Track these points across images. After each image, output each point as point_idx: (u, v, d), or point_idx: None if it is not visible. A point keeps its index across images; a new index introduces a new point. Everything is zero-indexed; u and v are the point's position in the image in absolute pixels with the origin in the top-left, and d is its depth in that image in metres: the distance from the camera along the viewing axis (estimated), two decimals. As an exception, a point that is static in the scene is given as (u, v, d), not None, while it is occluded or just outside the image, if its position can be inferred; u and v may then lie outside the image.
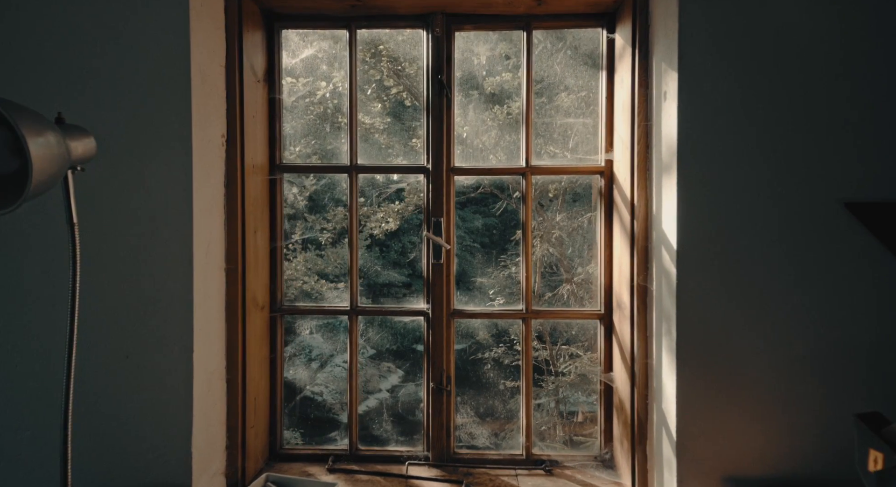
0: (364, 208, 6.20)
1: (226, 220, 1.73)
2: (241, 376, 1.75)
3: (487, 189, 5.64)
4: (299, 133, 4.58)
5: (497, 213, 7.63)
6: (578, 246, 4.74)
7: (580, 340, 4.89)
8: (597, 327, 1.98)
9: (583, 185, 4.03)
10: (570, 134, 3.30)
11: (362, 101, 4.98)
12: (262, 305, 1.90)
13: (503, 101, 4.53)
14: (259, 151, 1.87)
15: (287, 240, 5.65)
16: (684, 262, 1.48)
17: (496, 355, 5.20)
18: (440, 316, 1.93)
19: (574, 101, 3.29)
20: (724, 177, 1.47)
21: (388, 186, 6.02)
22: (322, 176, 5.17)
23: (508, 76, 4.38)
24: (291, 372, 6.90)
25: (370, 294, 8.21)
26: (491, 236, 8.91)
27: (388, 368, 10.24)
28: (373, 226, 6.33)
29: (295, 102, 4.23)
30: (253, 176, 1.82)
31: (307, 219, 6.37)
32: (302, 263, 7.10)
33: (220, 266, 1.70)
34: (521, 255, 1.98)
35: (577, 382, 4.18)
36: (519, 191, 5.29)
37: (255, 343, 1.84)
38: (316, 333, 7.61)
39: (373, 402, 9.23)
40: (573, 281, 4.91)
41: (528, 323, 1.96)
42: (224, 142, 1.71)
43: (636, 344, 1.70)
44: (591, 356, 4.56)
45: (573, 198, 4.28)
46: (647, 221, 1.69)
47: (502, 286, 5.15)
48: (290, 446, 1.99)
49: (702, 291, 1.48)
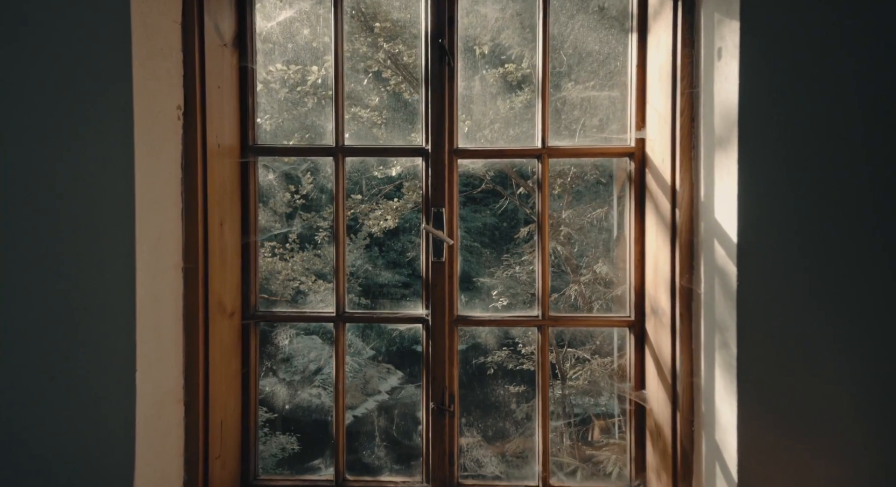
0: (361, 205, 5.88)
1: (184, 210, 1.40)
2: (202, 396, 1.43)
3: (490, 185, 5.32)
4: (278, 110, 4.06)
5: (499, 212, 7.30)
6: (587, 243, 4.42)
7: (589, 342, 4.57)
8: (625, 336, 1.65)
9: (594, 175, 3.67)
10: (594, 110, 2.95)
11: (350, 75, 4.47)
12: (232, 311, 1.57)
13: (515, 76, 3.94)
14: (227, 129, 1.55)
15: (265, 236, 5.21)
16: (748, 259, 1.16)
17: (501, 359, 4.86)
18: (441, 324, 1.61)
19: (597, 71, 2.87)
20: (802, 152, 1.15)
21: (384, 183, 5.69)
22: (319, 169, 4.82)
23: (519, 40, 3.78)
24: (274, 387, 6.32)
25: (368, 295, 7.88)
26: (492, 235, 8.59)
27: (387, 369, 9.93)
28: (371, 224, 6.00)
29: (270, 74, 3.67)
30: (219, 158, 1.50)
31: (302, 216, 6.05)
32: (300, 262, 6.78)
33: (176, 264, 1.38)
34: (535, 252, 1.66)
35: (588, 389, 3.84)
36: (530, 181, 4.96)
37: (221, 356, 1.52)
38: (306, 337, 7.14)
39: (371, 404, 8.92)
40: (580, 282, 4.59)
41: (544, 332, 1.64)
42: (181, 116, 1.39)
43: (679, 359, 1.38)
44: (600, 361, 4.23)
45: (584, 190, 3.93)
46: (691, 210, 1.37)
47: (506, 286, 4.83)
48: (267, 476, 1.67)
49: (772, 296, 1.16)
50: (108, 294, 1.20)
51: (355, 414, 8.16)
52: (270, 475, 1.69)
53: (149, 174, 1.26)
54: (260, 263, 1.75)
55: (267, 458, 5.67)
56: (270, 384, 6.24)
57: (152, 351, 1.27)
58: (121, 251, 1.20)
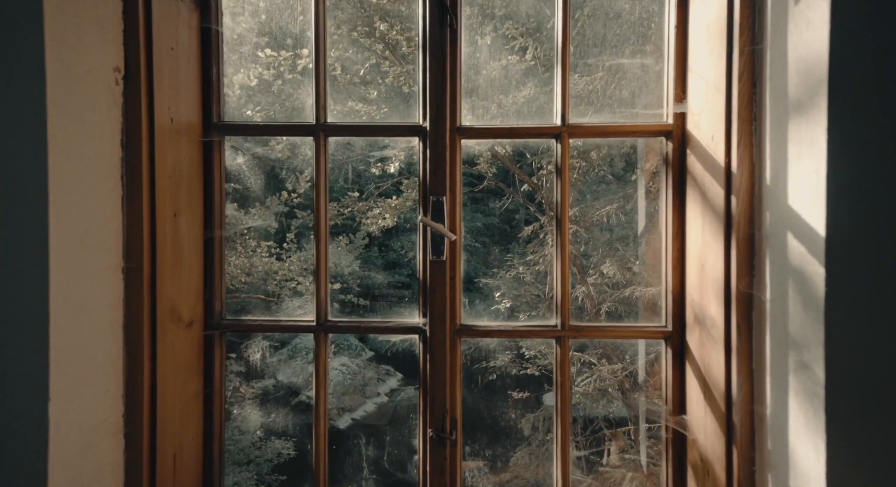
0: (359, 203, 5.60)
1: (125, 197, 1.12)
2: (147, 426, 1.15)
3: (492, 182, 5.04)
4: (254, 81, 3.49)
5: (501, 210, 7.02)
6: (595, 241, 4.14)
7: (595, 345, 4.28)
8: (661, 349, 1.37)
9: (609, 161, 3.34)
10: (622, 80, 2.60)
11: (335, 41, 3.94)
12: (190, 320, 1.29)
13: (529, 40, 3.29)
14: (184, 101, 1.27)
15: (235, 229, 4.81)
16: (839, 257, 0.88)
17: (505, 365, 4.57)
18: (441, 335, 1.33)
19: (626, 38, 2.39)
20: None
21: (382, 179, 5.41)
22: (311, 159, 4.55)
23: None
24: (251, 410, 5.65)
25: (367, 296, 7.59)
26: (493, 235, 8.30)
27: (386, 371, 9.63)
28: (369, 223, 5.72)
29: (241, 38, 3.15)
30: (173, 135, 1.22)
31: (298, 215, 5.78)
32: (296, 262, 6.51)
33: (114, 264, 1.10)
34: (554, 249, 1.38)
35: (596, 397, 3.56)
36: (534, 177, 4.68)
37: (175, 374, 1.24)
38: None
39: (371, 406, 8.62)
40: (587, 283, 4.31)
41: (563, 345, 1.35)
42: (120, 81, 1.11)
43: (735, 381, 1.10)
44: (611, 368, 3.94)
45: (594, 181, 3.62)
46: (752, 197, 1.09)
47: (509, 287, 4.55)
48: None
49: (872, 305, 0.88)
50: (13, 302, 0.92)
51: (353, 417, 7.87)
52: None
53: (71, 150, 0.98)
54: (255, 263, 1.47)
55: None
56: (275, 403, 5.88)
57: (77, 373, 0.99)
58: (32, 248, 0.92)
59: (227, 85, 1.46)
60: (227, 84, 1.45)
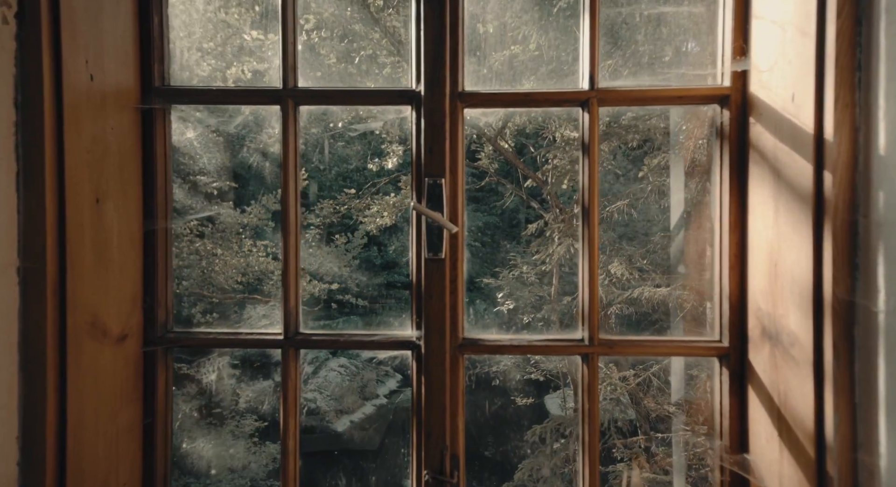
0: (355, 200, 5.32)
1: (20, 176, 0.84)
2: (53, 473, 0.86)
3: (494, 178, 4.75)
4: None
5: (502, 209, 6.74)
6: (607, 236, 3.85)
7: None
8: (713, 368, 1.08)
9: (627, 139, 2.97)
10: (663, 34, 2.14)
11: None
12: (122, 334, 1.01)
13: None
14: (112, 56, 0.98)
15: (183, 218, 4.24)
16: None
17: (506, 368, 4.27)
18: (439, 351, 1.04)
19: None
20: None
21: (378, 176, 5.12)
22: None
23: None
24: (207, 443, 4.47)
25: (366, 297, 7.30)
26: (493, 234, 8.01)
27: (385, 372, 9.34)
28: (367, 222, 5.44)
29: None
30: (93, 98, 0.94)
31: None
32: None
33: (5, 263, 0.82)
34: (581, 245, 1.09)
35: (607, 408, 3.26)
36: (539, 172, 4.39)
37: (99, 402, 0.95)
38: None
39: (370, 409, 8.34)
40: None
41: (592, 363, 1.07)
42: (11, 19, 0.83)
43: (830, 419, 0.81)
44: (623, 374, 3.64)
45: (609, 164, 3.31)
46: (854, 173, 0.80)
47: (512, 288, 4.26)
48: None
49: None
50: None
51: (352, 419, 7.60)
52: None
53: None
54: (219, 262, 1.18)
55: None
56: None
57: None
58: None
59: (180, 45, 1.17)
60: (181, 44, 1.16)
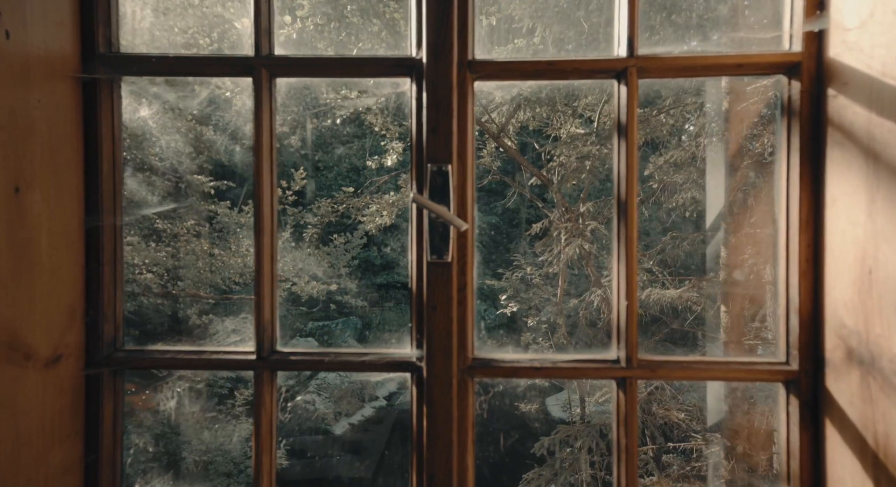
0: (354, 199, 5.12)
1: None
2: (-48, 543, 0.67)
3: (496, 175, 4.55)
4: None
5: (504, 207, 6.53)
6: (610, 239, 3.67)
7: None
8: (777, 394, 0.89)
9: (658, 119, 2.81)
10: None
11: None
12: (54, 355, 0.81)
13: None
14: (36, 12, 0.78)
15: (133, 214, 3.80)
16: None
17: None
18: (445, 375, 0.84)
19: None
20: None
21: (378, 174, 4.93)
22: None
23: None
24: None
25: (365, 297, 7.11)
26: (496, 233, 7.81)
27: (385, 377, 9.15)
28: (366, 221, 5.24)
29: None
30: (9, 63, 0.74)
31: (288, 211, 5.29)
32: (290, 262, 6.03)
33: None
34: (615, 244, 0.89)
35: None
36: (545, 169, 4.20)
37: (19, 440, 0.75)
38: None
39: (368, 411, 8.15)
40: (603, 284, 3.83)
41: (631, 389, 0.87)
42: None
43: (957, 473, 0.62)
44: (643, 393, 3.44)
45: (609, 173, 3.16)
46: None
47: (515, 290, 4.06)
48: None
49: None
50: None
51: (351, 422, 7.41)
52: None
53: None
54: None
55: None
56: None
57: None
58: None
59: (133, 5, 0.97)
60: (133, 4, 0.96)
